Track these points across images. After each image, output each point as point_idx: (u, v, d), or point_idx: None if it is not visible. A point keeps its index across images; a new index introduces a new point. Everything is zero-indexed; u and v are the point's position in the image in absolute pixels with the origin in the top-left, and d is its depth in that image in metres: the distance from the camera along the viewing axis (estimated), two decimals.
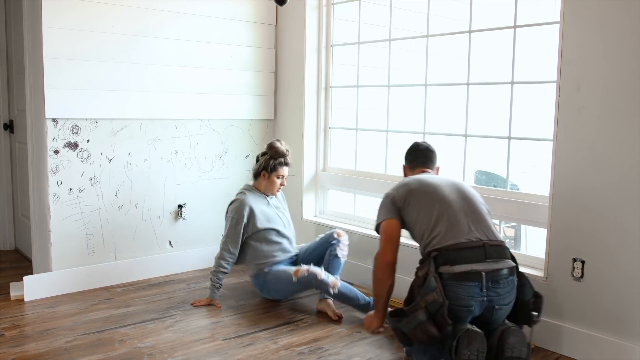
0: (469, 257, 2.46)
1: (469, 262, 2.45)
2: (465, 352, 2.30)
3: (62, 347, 2.76)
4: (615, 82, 2.56)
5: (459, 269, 2.43)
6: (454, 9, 4.42)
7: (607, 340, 2.63)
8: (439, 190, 2.67)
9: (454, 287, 2.42)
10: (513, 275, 2.50)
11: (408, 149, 3.03)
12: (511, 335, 2.35)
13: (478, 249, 2.48)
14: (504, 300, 2.45)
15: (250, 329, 3.04)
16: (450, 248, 2.49)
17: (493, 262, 2.47)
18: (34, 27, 3.41)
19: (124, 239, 3.72)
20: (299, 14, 4.10)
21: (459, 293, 2.41)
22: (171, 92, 3.82)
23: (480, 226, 2.57)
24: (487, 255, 2.47)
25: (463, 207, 2.61)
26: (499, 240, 2.58)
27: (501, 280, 2.44)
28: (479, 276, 2.41)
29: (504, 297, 2.45)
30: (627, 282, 2.57)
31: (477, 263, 2.45)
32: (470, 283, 2.41)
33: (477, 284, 2.41)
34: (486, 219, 2.63)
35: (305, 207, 4.21)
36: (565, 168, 2.75)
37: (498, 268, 2.45)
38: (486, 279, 2.41)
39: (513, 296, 2.49)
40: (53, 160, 3.40)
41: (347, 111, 4.19)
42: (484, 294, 2.41)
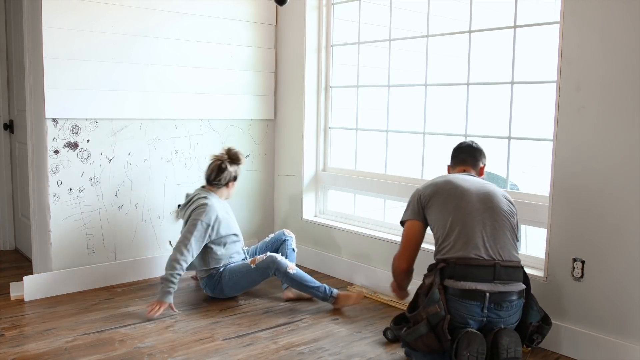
0: (476, 275, 2.41)
1: (475, 280, 2.40)
2: (465, 353, 2.30)
3: (62, 347, 2.76)
4: (615, 82, 2.56)
5: (462, 286, 2.40)
6: (454, 9, 4.42)
7: (607, 340, 2.63)
8: (465, 195, 2.56)
9: (456, 303, 2.40)
10: (520, 299, 2.46)
11: (453, 150, 2.90)
12: (504, 336, 2.34)
13: (487, 268, 2.42)
14: (505, 323, 2.43)
15: (250, 329, 3.04)
16: (459, 262, 2.44)
17: (501, 284, 2.41)
18: (34, 27, 3.41)
19: (124, 239, 3.72)
20: (299, 14, 4.10)
21: (459, 310, 2.40)
22: (171, 92, 3.82)
23: (497, 243, 2.48)
24: (495, 277, 2.41)
25: (483, 219, 2.51)
26: (514, 260, 2.49)
27: (504, 304, 2.41)
28: (482, 297, 2.37)
29: (504, 319, 2.42)
30: (627, 282, 2.57)
31: (483, 283, 2.40)
32: (472, 302, 2.38)
33: (479, 304, 2.38)
34: (505, 235, 2.51)
35: (305, 207, 4.21)
36: (565, 168, 2.75)
37: (505, 291, 2.41)
38: (489, 301, 2.38)
39: (516, 318, 2.47)
40: (53, 160, 3.40)
41: (347, 111, 4.19)
42: (484, 314, 2.39)
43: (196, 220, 3.28)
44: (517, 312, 2.47)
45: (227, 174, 3.43)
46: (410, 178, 3.66)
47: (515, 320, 2.48)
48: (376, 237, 3.70)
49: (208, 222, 3.31)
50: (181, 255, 3.21)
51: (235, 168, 3.47)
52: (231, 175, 3.45)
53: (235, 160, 3.46)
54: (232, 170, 3.44)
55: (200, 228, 3.27)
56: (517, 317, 2.48)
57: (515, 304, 2.44)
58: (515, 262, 2.49)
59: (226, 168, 3.42)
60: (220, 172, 3.42)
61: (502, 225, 2.52)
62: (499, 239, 2.49)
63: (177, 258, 3.21)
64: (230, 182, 3.47)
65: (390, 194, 3.78)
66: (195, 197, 3.40)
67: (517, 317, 2.48)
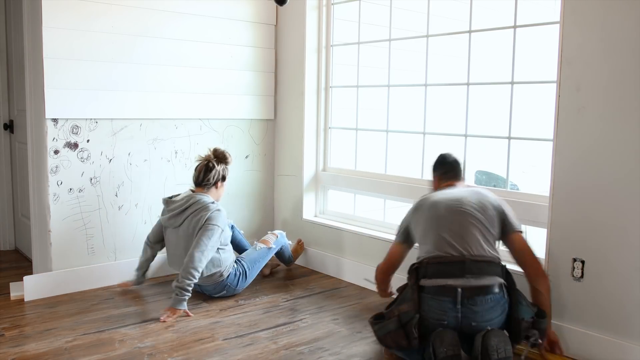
0: (448, 271, 2.48)
1: (446, 276, 2.46)
2: (442, 350, 2.33)
3: (62, 347, 2.76)
4: (615, 82, 2.56)
5: (434, 283, 2.46)
6: (454, 9, 4.42)
7: (607, 340, 2.63)
8: (436, 206, 2.71)
9: (429, 300, 2.46)
10: (498, 294, 2.46)
11: (436, 161, 3.01)
12: (492, 337, 2.34)
13: (457, 264, 2.48)
14: (482, 318, 2.43)
15: (250, 329, 3.04)
16: (431, 261, 2.53)
17: (473, 278, 2.45)
18: (34, 27, 3.41)
19: (124, 239, 3.72)
20: (299, 14, 4.10)
21: (432, 306, 2.45)
22: (171, 92, 3.82)
23: (464, 241, 2.54)
24: (466, 271, 2.46)
25: (449, 222, 2.61)
26: (486, 255, 2.52)
27: (478, 298, 2.42)
28: (454, 292, 2.41)
29: (481, 314, 2.43)
30: (627, 282, 2.57)
31: (453, 278, 2.45)
32: (445, 298, 2.42)
33: (451, 300, 2.41)
34: (473, 233, 2.57)
35: (305, 207, 4.21)
36: (565, 168, 2.75)
37: (478, 285, 2.43)
38: (462, 296, 2.40)
39: (496, 314, 2.46)
40: (53, 160, 3.40)
41: (347, 111, 4.19)
42: (457, 310, 2.41)
43: (213, 226, 3.27)
44: (496, 308, 2.46)
45: (214, 173, 3.42)
46: (410, 178, 3.66)
47: (496, 316, 2.46)
48: (376, 237, 3.70)
49: (222, 226, 3.33)
50: (199, 263, 3.20)
51: (223, 167, 3.46)
52: (219, 174, 3.44)
53: (221, 159, 3.46)
54: (219, 169, 3.43)
55: (214, 233, 3.27)
56: (496, 312, 2.46)
57: (491, 298, 2.44)
58: (488, 257, 2.53)
59: (213, 167, 3.41)
60: (208, 171, 3.41)
61: (469, 224, 2.60)
62: (466, 236, 2.56)
63: (196, 266, 3.18)
64: (219, 182, 3.46)
65: (390, 194, 3.78)
66: (192, 201, 3.34)
67: (497, 313, 2.46)
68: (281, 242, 3.82)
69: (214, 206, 3.35)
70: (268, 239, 3.75)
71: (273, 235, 3.80)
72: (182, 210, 3.35)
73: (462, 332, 2.44)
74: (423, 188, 3.52)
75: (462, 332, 2.44)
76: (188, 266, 3.18)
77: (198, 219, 3.30)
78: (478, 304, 2.42)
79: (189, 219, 3.32)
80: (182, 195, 3.44)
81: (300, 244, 4.14)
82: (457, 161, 2.98)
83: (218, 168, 3.42)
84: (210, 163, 3.42)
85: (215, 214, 3.31)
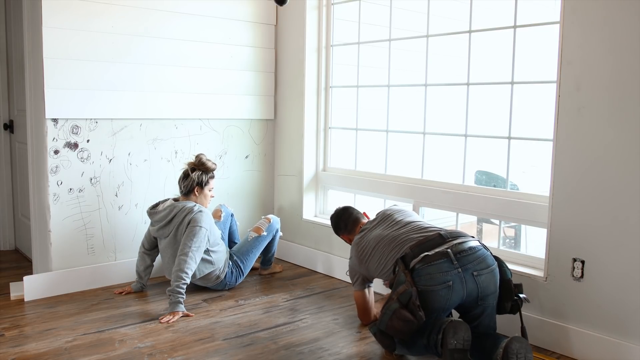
0: (432, 244, 2.58)
1: (432, 248, 2.57)
2: (452, 341, 2.35)
3: (62, 347, 2.77)
4: (615, 82, 2.56)
5: (423, 255, 2.54)
6: (454, 9, 4.42)
7: (607, 340, 2.63)
8: (381, 234, 2.86)
9: (425, 269, 2.50)
10: (479, 245, 2.58)
11: (335, 223, 3.25)
12: (514, 342, 2.36)
13: (436, 238, 2.62)
14: (480, 265, 2.51)
15: (250, 329, 3.04)
16: (413, 246, 2.61)
17: (453, 239, 2.58)
18: (34, 27, 3.41)
19: (124, 239, 3.72)
20: (299, 14, 4.10)
21: (431, 273, 2.49)
22: (171, 92, 3.82)
23: (425, 229, 2.73)
24: (446, 238, 2.61)
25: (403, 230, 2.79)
26: (454, 229, 2.76)
27: (466, 248, 2.53)
28: (446, 253, 2.52)
29: (478, 262, 2.51)
30: (627, 282, 2.57)
31: (440, 246, 2.56)
32: (439, 260, 2.50)
33: (446, 259, 2.49)
34: (430, 225, 2.80)
35: (305, 207, 4.21)
36: (565, 168, 2.75)
37: (461, 241, 2.56)
38: (453, 253, 2.51)
39: (490, 262, 2.55)
40: (53, 160, 3.40)
41: (347, 111, 4.19)
42: (455, 265, 2.48)
43: (195, 227, 3.30)
44: (488, 258, 2.55)
45: (189, 180, 3.43)
46: (410, 178, 3.66)
47: (491, 263, 2.55)
48: None
49: (208, 227, 3.35)
50: (186, 265, 3.22)
51: (198, 174, 3.44)
52: (194, 182, 3.43)
53: (199, 166, 3.45)
54: (194, 177, 3.42)
55: (200, 235, 3.30)
56: (491, 260, 2.56)
57: (476, 247, 2.56)
58: (458, 230, 2.74)
59: (188, 175, 3.44)
60: (184, 178, 3.46)
61: (414, 221, 2.85)
62: (425, 227, 2.76)
63: (183, 268, 3.21)
64: (197, 189, 3.45)
65: (390, 194, 3.78)
66: (176, 210, 3.37)
67: (491, 261, 2.55)
68: (274, 227, 3.81)
69: (196, 208, 3.38)
70: (260, 225, 3.77)
71: (266, 220, 3.81)
72: (168, 221, 3.38)
73: (469, 300, 2.51)
74: (423, 188, 3.53)
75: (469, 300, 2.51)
76: (176, 271, 3.22)
77: (182, 223, 3.35)
78: (469, 253, 2.52)
79: (175, 227, 3.37)
80: (165, 205, 3.45)
81: (281, 268, 4.10)
82: (348, 209, 3.23)
83: (193, 176, 3.43)
84: (187, 171, 3.46)
85: (198, 215, 3.34)
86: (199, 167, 3.45)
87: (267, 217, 3.85)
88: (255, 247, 3.71)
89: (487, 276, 2.51)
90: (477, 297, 2.51)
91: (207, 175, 3.47)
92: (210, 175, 3.49)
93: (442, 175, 3.65)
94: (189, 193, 3.46)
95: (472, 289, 2.49)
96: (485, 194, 3.24)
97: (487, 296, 2.52)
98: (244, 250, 3.69)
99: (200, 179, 3.44)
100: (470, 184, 3.53)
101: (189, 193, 3.46)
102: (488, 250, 2.60)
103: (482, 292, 2.51)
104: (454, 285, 2.46)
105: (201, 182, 3.45)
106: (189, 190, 3.45)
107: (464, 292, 2.49)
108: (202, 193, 3.48)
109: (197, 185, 3.44)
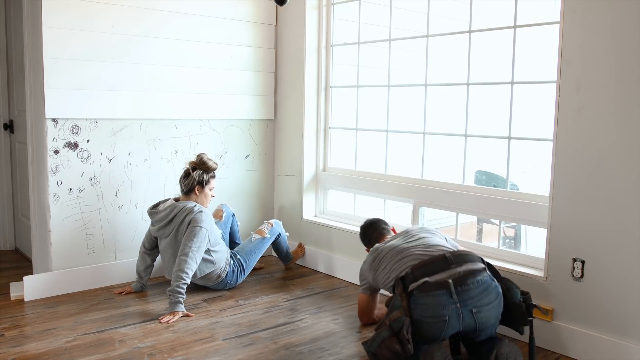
0: (434, 269, 2.49)
1: (433, 273, 2.47)
2: None
3: (62, 347, 2.77)
4: (615, 82, 2.56)
5: (423, 280, 2.45)
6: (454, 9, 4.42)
7: (607, 340, 2.63)
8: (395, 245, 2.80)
9: (423, 298, 2.41)
10: (488, 277, 2.45)
11: (361, 236, 3.27)
12: (503, 346, 2.35)
13: (440, 260, 2.51)
14: (481, 302, 2.40)
15: (250, 329, 3.04)
16: (415, 267, 2.52)
17: (458, 266, 2.48)
18: (34, 27, 3.41)
19: (124, 239, 3.72)
20: (299, 14, 4.10)
21: (428, 304, 2.40)
22: (171, 92, 3.82)
23: (434, 247, 2.66)
24: (450, 262, 2.49)
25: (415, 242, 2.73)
26: (462, 249, 2.64)
27: (469, 281, 2.40)
28: (446, 284, 2.40)
29: (478, 298, 2.40)
30: (627, 282, 2.57)
31: (442, 272, 2.46)
32: (438, 292, 2.40)
33: (446, 292, 2.39)
34: (437, 241, 2.73)
35: (305, 207, 4.21)
36: (565, 168, 2.75)
37: (465, 270, 2.45)
38: (454, 285, 2.39)
39: (492, 297, 2.44)
40: (53, 160, 3.40)
41: (347, 111, 4.19)
42: (454, 300, 2.38)
43: (196, 227, 3.30)
44: (490, 291, 2.43)
45: (190, 179, 3.43)
46: (410, 178, 3.66)
47: (492, 299, 2.43)
48: None
49: (208, 227, 3.35)
50: (186, 265, 3.22)
51: (199, 173, 3.44)
52: (195, 181, 3.43)
53: (200, 165, 3.46)
54: (195, 176, 3.43)
55: (200, 235, 3.30)
56: (492, 295, 2.43)
57: (481, 279, 2.42)
58: (464, 250, 2.63)
59: (189, 174, 3.44)
60: (185, 177, 3.47)
61: (428, 239, 2.76)
62: (433, 245, 2.68)
63: (183, 269, 3.22)
64: (197, 188, 3.45)
65: (390, 194, 3.78)
66: (177, 210, 3.38)
67: (492, 296, 2.43)
68: (277, 231, 3.86)
69: (196, 208, 3.38)
70: (263, 228, 3.82)
71: (268, 224, 3.85)
72: (169, 221, 3.38)
73: (466, 330, 2.43)
74: (423, 188, 3.53)
75: (466, 330, 2.43)
76: (176, 271, 3.23)
77: (182, 223, 3.35)
78: (471, 288, 2.40)
79: (176, 227, 3.37)
80: (165, 205, 3.45)
81: (302, 247, 4.15)
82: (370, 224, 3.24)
83: (194, 174, 3.43)
84: (188, 170, 3.46)
85: (198, 215, 3.34)
86: (200, 166, 3.46)
87: (269, 221, 3.88)
88: (258, 248, 3.73)
89: (488, 312, 2.42)
90: (475, 329, 2.43)
91: (208, 174, 3.48)
92: (211, 174, 3.50)
93: (442, 175, 3.65)
94: (189, 192, 3.46)
95: (470, 323, 2.41)
96: (485, 194, 3.25)
97: (486, 328, 2.44)
98: (247, 250, 3.70)
99: (201, 178, 3.45)
100: (470, 184, 3.53)
101: (190, 192, 3.46)
102: (494, 278, 2.49)
103: (480, 327, 2.42)
104: (450, 319, 2.39)
105: (202, 181, 3.45)
106: (189, 189, 3.46)
107: (460, 326, 2.41)
108: (203, 192, 3.48)
109: (198, 184, 3.45)
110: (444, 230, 3.54)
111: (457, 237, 3.47)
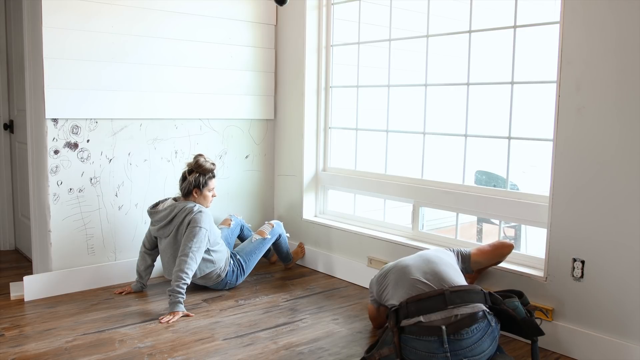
0: (429, 306, 2.38)
1: (429, 311, 2.36)
2: None
3: (62, 347, 2.76)
4: (615, 82, 2.56)
5: (418, 320, 2.36)
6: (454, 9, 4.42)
7: (607, 340, 2.63)
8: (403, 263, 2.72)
9: (413, 342, 2.35)
10: (482, 321, 2.35)
11: None
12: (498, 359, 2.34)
13: (437, 297, 2.40)
14: (473, 352, 2.32)
15: (250, 329, 3.04)
16: (410, 300, 2.44)
17: (455, 307, 2.36)
18: (34, 27, 3.41)
19: (124, 239, 3.72)
20: (299, 14, 4.10)
21: (417, 348, 2.34)
22: (171, 92, 3.82)
23: (436, 276, 2.53)
24: (448, 302, 2.37)
25: (421, 267, 2.62)
26: (465, 285, 2.50)
27: (464, 330, 2.30)
28: (438, 330, 2.30)
29: (471, 348, 2.32)
30: (627, 282, 2.57)
31: (437, 312, 2.36)
32: (430, 338, 2.31)
33: (437, 339, 2.30)
34: (443, 268, 2.59)
35: (305, 207, 4.21)
36: (565, 168, 2.75)
37: (462, 317, 2.33)
38: (447, 332, 2.29)
39: (486, 345, 2.36)
40: (53, 160, 3.40)
41: (347, 111, 4.19)
42: (445, 349, 2.28)
43: (195, 228, 3.30)
44: (485, 339, 2.35)
45: (186, 183, 3.43)
46: (410, 178, 3.66)
47: (486, 347, 2.36)
48: (376, 237, 3.70)
49: (208, 227, 3.35)
50: (186, 266, 3.23)
51: (196, 176, 3.43)
52: (192, 184, 3.42)
53: (196, 168, 3.44)
54: (191, 179, 3.42)
55: (200, 235, 3.30)
56: (486, 343, 2.36)
57: (477, 327, 2.33)
58: (466, 286, 2.48)
59: (186, 178, 3.44)
60: (182, 180, 3.47)
61: (436, 262, 2.64)
62: (438, 273, 2.56)
63: (183, 269, 3.22)
64: (195, 190, 3.44)
65: (390, 194, 3.78)
66: (177, 210, 3.38)
67: (487, 344, 2.36)
68: (277, 232, 3.87)
69: (196, 209, 3.38)
70: (264, 229, 3.83)
71: (269, 225, 3.86)
72: (169, 221, 3.38)
73: None
74: (423, 188, 3.53)
75: None
76: (176, 271, 3.23)
77: (182, 223, 3.35)
78: (465, 337, 2.30)
79: (176, 227, 3.37)
80: (165, 205, 3.45)
81: (302, 247, 4.16)
82: None
83: (190, 178, 3.42)
84: (185, 173, 3.46)
85: (198, 215, 3.34)
86: (196, 170, 3.44)
87: (270, 222, 3.88)
88: (258, 249, 3.74)
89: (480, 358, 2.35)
90: None
91: (204, 177, 3.45)
92: (208, 176, 3.47)
93: (442, 175, 3.65)
94: (187, 195, 3.46)
95: None
96: (485, 194, 3.25)
97: None
98: (247, 250, 3.71)
99: (197, 182, 3.43)
100: (470, 184, 3.53)
101: (188, 195, 3.46)
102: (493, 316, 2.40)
103: None
104: None
105: (199, 184, 3.43)
106: (187, 193, 3.45)
107: None
108: (202, 195, 3.47)
109: (195, 187, 3.43)
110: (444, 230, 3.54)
111: (457, 237, 3.46)
